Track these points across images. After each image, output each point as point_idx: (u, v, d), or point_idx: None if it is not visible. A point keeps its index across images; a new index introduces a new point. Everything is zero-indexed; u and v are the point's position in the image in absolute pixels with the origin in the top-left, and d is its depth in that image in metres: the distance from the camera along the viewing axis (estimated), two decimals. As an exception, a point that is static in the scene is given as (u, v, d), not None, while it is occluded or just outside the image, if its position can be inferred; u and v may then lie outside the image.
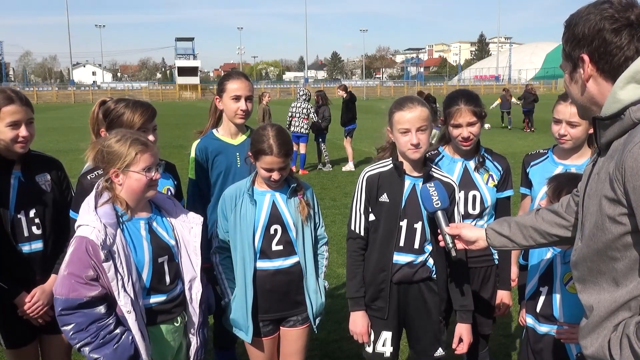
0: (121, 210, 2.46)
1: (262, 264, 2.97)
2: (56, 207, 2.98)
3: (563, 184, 2.56)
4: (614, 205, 1.53)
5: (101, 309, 2.32)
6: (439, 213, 2.58)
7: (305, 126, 13.41)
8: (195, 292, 2.65)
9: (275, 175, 2.91)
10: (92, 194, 2.47)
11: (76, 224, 2.42)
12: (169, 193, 3.13)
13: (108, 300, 2.35)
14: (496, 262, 3.29)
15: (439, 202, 2.59)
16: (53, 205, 2.97)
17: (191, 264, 2.64)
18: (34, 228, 2.90)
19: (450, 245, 2.50)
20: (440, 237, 2.56)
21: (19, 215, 2.86)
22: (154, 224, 2.57)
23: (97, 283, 2.30)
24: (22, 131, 2.83)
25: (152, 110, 3.00)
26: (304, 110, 13.39)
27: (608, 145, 1.62)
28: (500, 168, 3.27)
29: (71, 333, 2.30)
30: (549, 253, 2.71)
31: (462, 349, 2.96)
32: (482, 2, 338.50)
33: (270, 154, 2.86)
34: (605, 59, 1.60)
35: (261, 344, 3.05)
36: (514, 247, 2.28)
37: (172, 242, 2.60)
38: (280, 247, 2.99)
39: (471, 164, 3.23)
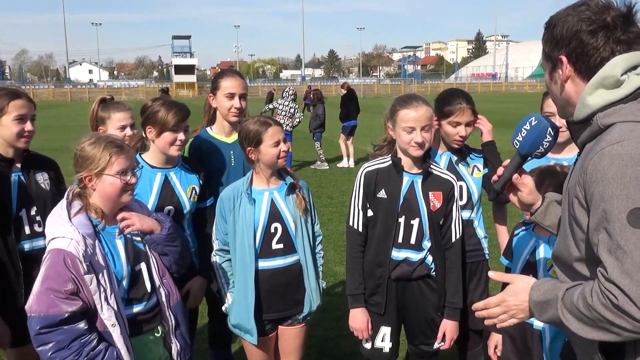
0: (95, 219, 2.34)
1: (263, 264, 2.96)
2: (55, 200, 2.99)
3: (543, 176, 2.56)
4: (580, 207, 1.58)
5: (82, 324, 2.18)
6: (517, 154, 2.09)
7: (290, 124, 13.41)
8: (164, 295, 2.52)
9: (284, 147, 2.96)
10: (63, 203, 2.34)
11: (48, 237, 2.27)
12: (193, 193, 3.15)
13: (88, 315, 2.22)
14: (487, 257, 3.30)
15: (517, 143, 2.04)
16: (53, 203, 2.97)
17: (158, 267, 2.54)
18: (35, 226, 2.93)
19: (499, 188, 2.13)
20: (500, 171, 2.13)
21: (20, 213, 2.88)
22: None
23: (77, 297, 2.17)
24: (28, 126, 2.90)
25: (186, 110, 3.07)
26: (291, 110, 13.39)
27: (583, 146, 1.67)
28: (482, 156, 3.31)
29: (50, 353, 2.14)
30: (531, 242, 2.73)
31: (445, 345, 2.97)
32: (479, 0, 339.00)
33: (269, 127, 2.92)
34: (582, 60, 1.64)
35: (260, 343, 3.04)
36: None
37: (146, 247, 2.50)
38: (281, 246, 2.98)
39: (455, 157, 3.26)
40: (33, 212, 2.92)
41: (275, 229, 2.97)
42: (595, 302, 1.47)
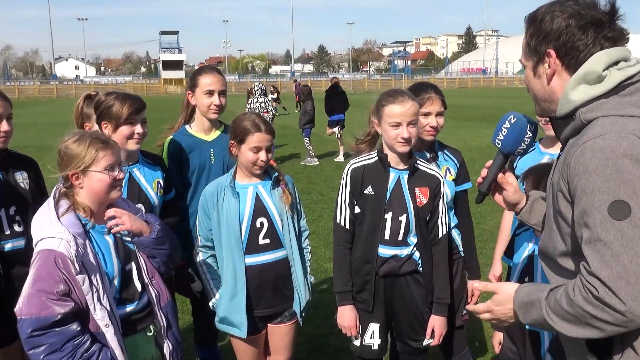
0: (84, 217, 2.32)
1: (250, 259, 2.96)
2: (36, 205, 2.95)
3: (541, 174, 2.58)
4: (564, 200, 1.60)
5: (75, 326, 2.15)
6: (499, 154, 2.12)
7: (267, 119, 13.39)
8: (155, 295, 2.52)
9: (263, 156, 2.90)
10: (50, 203, 2.31)
11: (36, 238, 2.24)
12: (159, 186, 3.12)
13: (80, 316, 2.19)
14: (462, 254, 3.28)
15: (499, 142, 2.07)
16: (33, 203, 2.94)
17: (147, 268, 2.52)
18: (15, 226, 2.88)
19: (485, 190, 2.14)
20: (484, 172, 2.15)
21: None
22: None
23: (69, 298, 2.14)
24: (4, 126, 2.86)
25: (141, 102, 3.00)
26: (262, 104, 13.46)
27: (566, 141, 1.68)
28: (456, 161, 3.27)
29: (43, 356, 2.10)
30: (530, 244, 2.75)
31: (434, 341, 2.98)
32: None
33: (257, 131, 2.88)
34: (572, 55, 1.65)
35: (250, 341, 3.04)
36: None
37: (134, 246, 2.49)
38: (267, 241, 2.98)
39: (427, 155, 3.20)
40: (12, 212, 2.88)
41: (261, 223, 2.96)
42: (577, 296, 1.48)
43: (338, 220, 2.97)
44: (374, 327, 2.98)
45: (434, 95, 3.10)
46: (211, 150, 3.45)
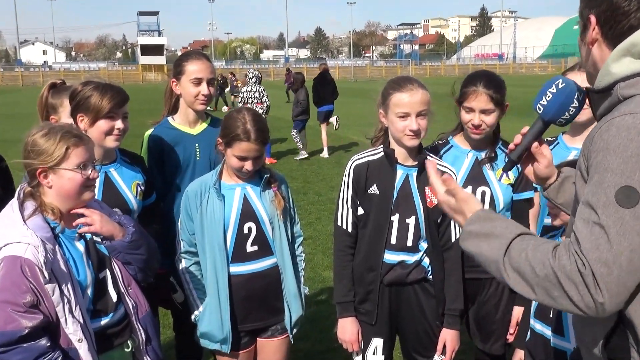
0: (53, 220, 2.31)
1: (236, 268, 2.96)
2: (1, 206, 2.95)
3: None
4: (581, 180, 1.60)
5: (44, 341, 2.12)
6: (539, 120, 2.07)
7: (260, 111, 13.45)
8: (132, 306, 2.52)
9: (248, 165, 2.89)
10: (14, 204, 2.30)
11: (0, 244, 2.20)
12: (139, 190, 3.10)
13: (50, 330, 2.17)
14: None
15: (541, 107, 2.00)
16: None
17: (122, 275, 2.51)
18: None
19: (515, 158, 2.13)
20: (517, 139, 2.13)
21: None
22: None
23: (37, 310, 2.12)
24: None
25: (124, 94, 2.97)
26: (256, 94, 13.44)
27: (601, 118, 1.66)
28: (518, 164, 3.18)
29: None
30: None
31: (446, 357, 2.98)
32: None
33: (246, 140, 2.84)
34: (610, 24, 1.64)
35: (237, 358, 3.04)
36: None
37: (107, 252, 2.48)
38: (255, 248, 2.98)
39: (482, 157, 3.15)
40: None
41: (249, 229, 2.96)
42: (558, 262, 1.48)
43: (339, 223, 2.97)
44: (378, 342, 2.98)
45: (480, 89, 2.99)
46: (196, 145, 3.43)
